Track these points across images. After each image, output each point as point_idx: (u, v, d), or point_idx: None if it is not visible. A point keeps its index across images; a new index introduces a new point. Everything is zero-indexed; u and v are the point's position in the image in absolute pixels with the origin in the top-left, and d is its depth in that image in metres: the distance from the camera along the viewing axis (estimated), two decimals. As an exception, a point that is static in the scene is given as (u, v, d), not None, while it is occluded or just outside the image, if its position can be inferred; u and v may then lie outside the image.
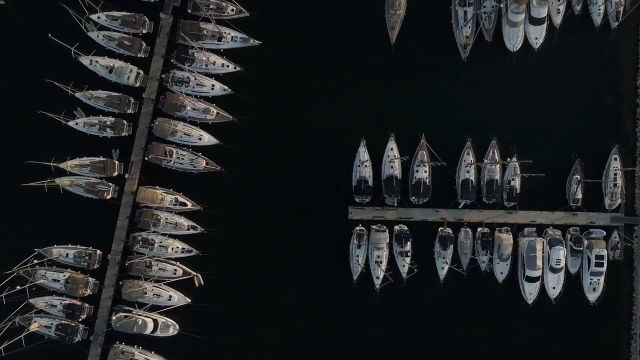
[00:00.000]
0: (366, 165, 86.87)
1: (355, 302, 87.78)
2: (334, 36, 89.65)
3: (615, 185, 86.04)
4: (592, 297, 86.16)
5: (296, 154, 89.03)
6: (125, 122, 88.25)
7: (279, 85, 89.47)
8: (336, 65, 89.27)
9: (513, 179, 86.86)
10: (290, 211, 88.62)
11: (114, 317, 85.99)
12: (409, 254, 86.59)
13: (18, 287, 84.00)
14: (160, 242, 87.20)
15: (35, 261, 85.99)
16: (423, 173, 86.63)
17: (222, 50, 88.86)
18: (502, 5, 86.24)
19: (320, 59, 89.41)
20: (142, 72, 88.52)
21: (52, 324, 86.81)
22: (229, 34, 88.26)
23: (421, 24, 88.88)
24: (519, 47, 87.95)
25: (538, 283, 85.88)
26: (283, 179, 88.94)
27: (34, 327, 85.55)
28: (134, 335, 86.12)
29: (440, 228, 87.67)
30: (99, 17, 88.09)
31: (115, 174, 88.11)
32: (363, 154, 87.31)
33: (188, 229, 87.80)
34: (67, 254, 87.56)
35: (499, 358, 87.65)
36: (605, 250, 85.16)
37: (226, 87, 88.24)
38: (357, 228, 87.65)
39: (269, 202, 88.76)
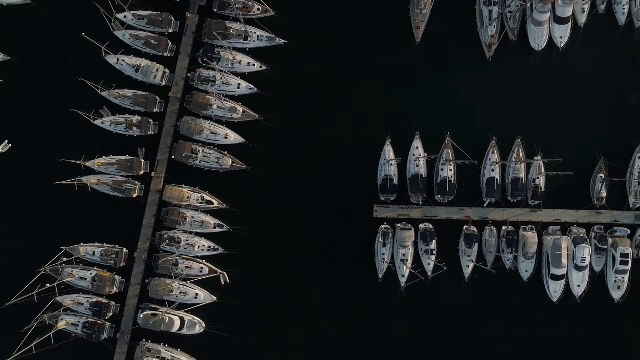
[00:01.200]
0: (392, 164, 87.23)
1: (381, 300, 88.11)
2: (359, 35, 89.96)
3: (639, 184, 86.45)
4: (616, 295, 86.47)
5: (321, 152, 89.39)
6: (151, 120, 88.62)
7: (305, 84, 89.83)
8: (361, 64, 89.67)
9: (538, 178, 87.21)
10: (315, 209, 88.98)
11: (141, 315, 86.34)
12: (435, 252, 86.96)
13: (48, 285, 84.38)
14: (187, 240, 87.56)
15: (64, 259, 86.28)
16: (448, 172, 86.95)
17: (247, 49, 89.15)
18: (528, 5, 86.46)
19: (346, 58, 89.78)
20: (168, 71, 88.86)
21: (79, 321, 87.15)
22: (255, 33, 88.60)
23: (446, 23, 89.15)
24: (544, 46, 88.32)
25: (563, 281, 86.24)
26: (308, 178, 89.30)
27: (61, 325, 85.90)
28: (161, 333, 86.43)
29: (465, 226, 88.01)
30: (125, 17, 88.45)
31: (142, 172, 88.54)
32: (388, 152, 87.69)
33: (214, 227, 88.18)
34: (93, 252, 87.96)
35: (523, 356, 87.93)
36: (630, 249, 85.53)
37: (252, 86, 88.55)
38: (383, 226, 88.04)
39: (294, 200, 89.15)
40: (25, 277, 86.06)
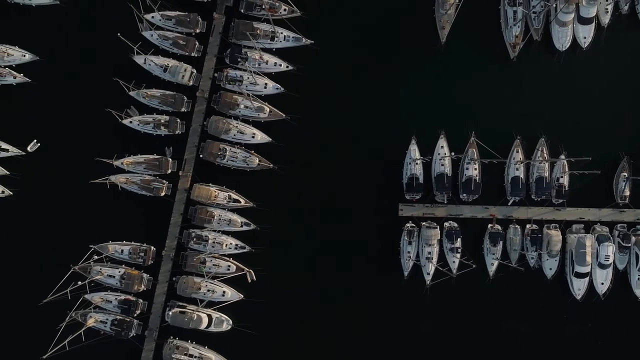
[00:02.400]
0: (417, 163, 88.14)
1: (406, 298, 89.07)
2: (384, 35, 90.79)
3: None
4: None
5: (347, 152, 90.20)
6: (178, 120, 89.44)
7: (330, 83, 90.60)
8: (386, 64, 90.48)
9: (562, 176, 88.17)
10: (341, 208, 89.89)
11: (170, 313, 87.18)
12: (459, 250, 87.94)
13: (79, 283, 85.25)
14: (214, 238, 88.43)
15: (95, 257, 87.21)
16: (473, 170, 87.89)
17: (273, 49, 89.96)
18: (553, 6, 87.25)
19: (371, 58, 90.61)
20: (195, 71, 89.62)
21: (107, 319, 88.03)
22: (282, 33, 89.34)
23: (470, 23, 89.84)
24: (568, 46, 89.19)
25: (587, 279, 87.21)
26: (334, 177, 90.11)
27: (90, 323, 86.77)
28: (188, 330, 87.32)
29: (490, 224, 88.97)
30: (153, 17, 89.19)
31: (169, 171, 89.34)
32: (414, 151, 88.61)
33: (241, 226, 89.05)
34: (122, 250, 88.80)
35: (546, 353, 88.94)
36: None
37: (279, 86, 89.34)
38: (408, 225, 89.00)
39: (320, 199, 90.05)
40: (54, 274, 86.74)
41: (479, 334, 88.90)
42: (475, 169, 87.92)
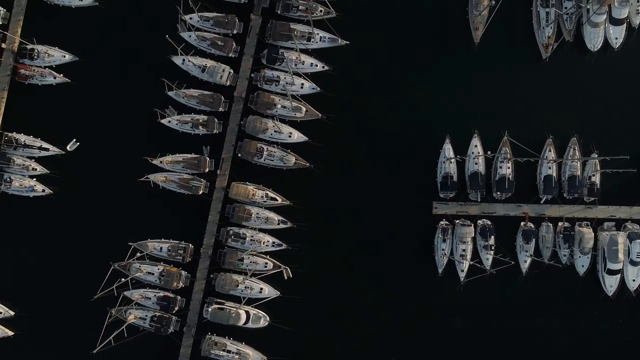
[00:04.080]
0: (451, 162, 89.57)
1: (441, 294, 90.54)
2: (418, 36, 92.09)
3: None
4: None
5: (381, 151, 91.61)
6: (216, 119, 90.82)
7: (365, 83, 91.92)
8: (421, 64, 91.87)
9: (593, 175, 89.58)
10: (375, 206, 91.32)
11: (209, 309, 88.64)
12: (493, 247, 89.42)
13: (122, 280, 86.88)
14: (252, 236, 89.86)
15: (139, 254, 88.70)
16: (506, 169, 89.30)
17: (309, 50, 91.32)
18: (588, 7, 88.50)
19: (406, 59, 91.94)
20: (232, 71, 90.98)
21: (146, 315, 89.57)
22: (318, 34, 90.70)
23: (503, 24, 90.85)
24: (599, 46, 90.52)
25: (618, 276, 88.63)
26: (368, 175, 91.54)
27: (131, 319, 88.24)
28: (226, 326, 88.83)
29: (522, 222, 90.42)
30: (191, 18, 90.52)
31: (207, 170, 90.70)
32: (448, 150, 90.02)
33: (278, 224, 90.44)
34: (160, 248, 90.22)
35: (578, 349, 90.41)
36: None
37: (315, 86, 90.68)
38: (442, 222, 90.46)
39: (355, 197, 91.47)
40: (94, 272, 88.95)
41: (511, 330, 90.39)
42: (509, 168, 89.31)
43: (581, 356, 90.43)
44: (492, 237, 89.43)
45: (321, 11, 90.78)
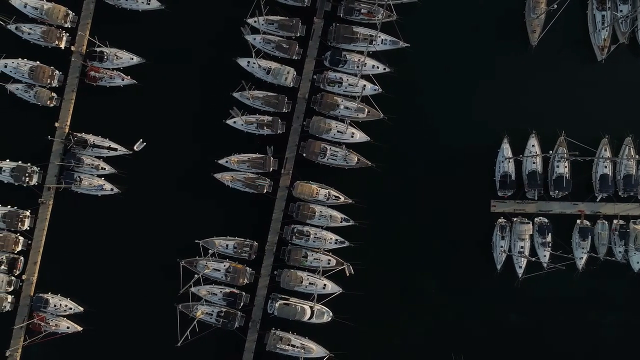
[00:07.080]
0: (509, 161, 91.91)
1: (499, 290, 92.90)
2: (477, 39, 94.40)
3: None
4: None
5: (441, 150, 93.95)
6: (280, 120, 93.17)
7: (425, 85, 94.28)
8: (479, 66, 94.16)
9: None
10: (435, 204, 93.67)
11: (275, 305, 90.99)
12: (550, 244, 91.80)
13: (196, 276, 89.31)
14: (315, 233, 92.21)
15: (210, 251, 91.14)
16: (563, 168, 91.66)
17: (370, 52, 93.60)
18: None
19: (464, 61, 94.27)
20: (295, 73, 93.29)
21: (213, 311, 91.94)
22: (379, 37, 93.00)
23: (559, 27, 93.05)
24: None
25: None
26: (428, 174, 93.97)
27: (199, 315, 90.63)
28: (290, 321, 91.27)
29: (578, 220, 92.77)
30: (255, 21, 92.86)
31: (271, 169, 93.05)
32: (506, 150, 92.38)
33: (341, 222, 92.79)
34: (227, 245, 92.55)
35: (633, 344, 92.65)
36: None
37: (377, 87, 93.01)
38: (500, 220, 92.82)
39: (415, 195, 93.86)
40: (161, 269, 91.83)
41: (567, 325, 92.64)
42: (565, 167, 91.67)
43: (637, 351, 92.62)
44: (550, 234, 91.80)
45: (383, 15, 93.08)
